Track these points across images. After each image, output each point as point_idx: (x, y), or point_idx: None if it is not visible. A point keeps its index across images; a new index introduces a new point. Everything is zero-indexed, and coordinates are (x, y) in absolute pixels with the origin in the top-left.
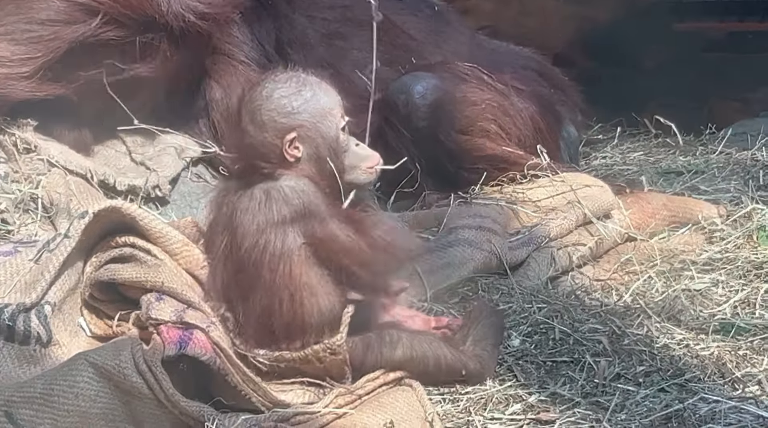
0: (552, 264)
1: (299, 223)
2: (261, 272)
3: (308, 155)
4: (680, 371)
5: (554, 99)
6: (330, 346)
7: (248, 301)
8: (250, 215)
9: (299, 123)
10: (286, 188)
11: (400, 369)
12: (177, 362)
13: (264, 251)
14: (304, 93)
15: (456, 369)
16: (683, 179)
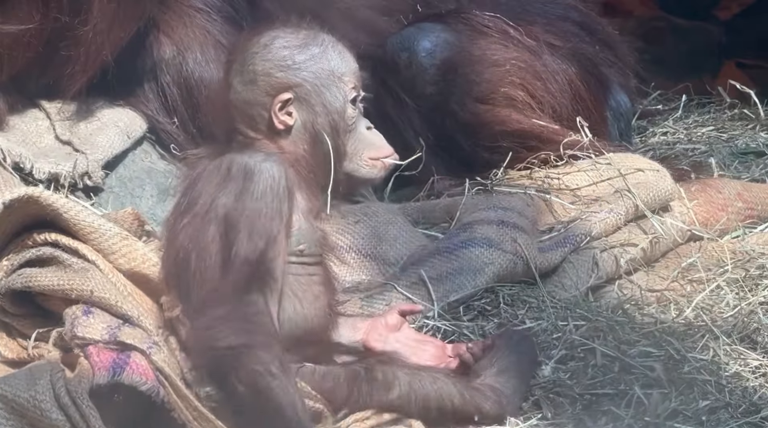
0: (594, 270)
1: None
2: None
3: (302, 125)
4: (755, 407)
5: (600, 59)
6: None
7: (191, 291)
8: (207, 190)
9: (298, 82)
10: (255, 166)
11: (395, 412)
12: (110, 393)
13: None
14: (312, 48)
15: (467, 413)
16: (764, 161)
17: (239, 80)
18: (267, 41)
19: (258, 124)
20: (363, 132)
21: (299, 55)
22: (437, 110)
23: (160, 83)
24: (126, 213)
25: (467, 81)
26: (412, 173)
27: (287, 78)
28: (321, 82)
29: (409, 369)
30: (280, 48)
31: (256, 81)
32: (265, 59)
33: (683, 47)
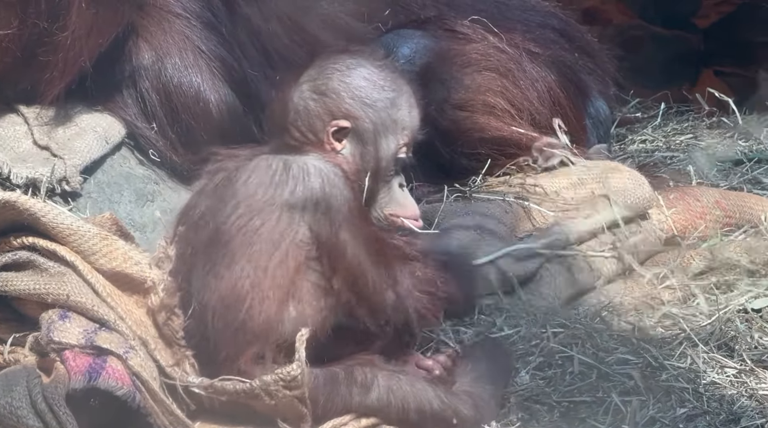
0: (571, 278)
1: (311, 214)
2: (239, 256)
3: (349, 155)
4: (733, 415)
5: (579, 66)
6: (284, 377)
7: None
8: (257, 183)
9: (362, 116)
10: (312, 166)
11: (373, 416)
12: (86, 397)
13: (254, 232)
14: (389, 92)
15: (445, 417)
16: (742, 169)
17: (310, 87)
18: (352, 65)
19: (312, 133)
20: (395, 188)
21: (375, 93)
22: None
23: (139, 89)
24: (104, 218)
25: (446, 87)
26: None
27: (353, 108)
28: (382, 126)
29: (388, 372)
30: (361, 77)
31: (326, 95)
32: (342, 80)
33: (661, 55)
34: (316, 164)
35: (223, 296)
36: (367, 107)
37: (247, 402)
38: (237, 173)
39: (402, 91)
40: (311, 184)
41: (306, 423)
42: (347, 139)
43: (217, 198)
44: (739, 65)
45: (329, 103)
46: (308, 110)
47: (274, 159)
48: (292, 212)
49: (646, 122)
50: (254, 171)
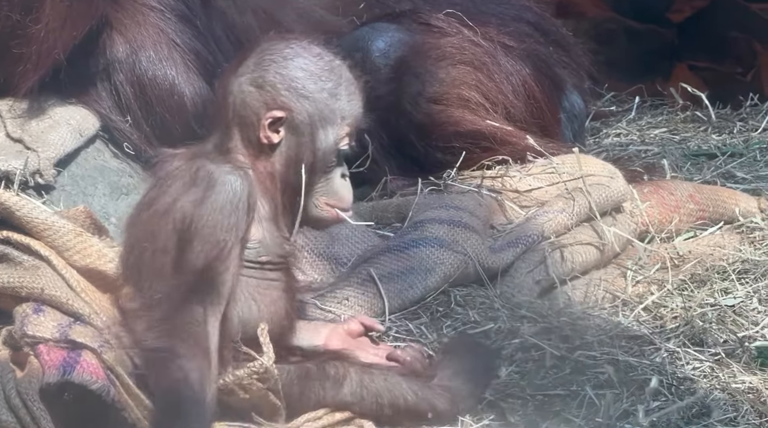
0: (546, 271)
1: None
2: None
3: (286, 148)
4: (706, 409)
5: (554, 60)
6: (256, 370)
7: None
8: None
9: (298, 108)
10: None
11: (347, 410)
12: (60, 392)
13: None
14: (327, 82)
15: (420, 411)
16: (716, 163)
17: (248, 80)
18: (289, 55)
19: (246, 128)
20: (335, 178)
21: (311, 84)
22: (391, 110)
23: (113, 82)
24: (78, 211)
25: (421, 81)
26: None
27: (289, 99)
28: (320, 118)
29: (361, 366)
30: (298, 68)
31: (263, 87)
32: (279, 72)
33: (636, 49)
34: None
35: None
36: (303, 98)
37: (222, 398)
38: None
39: (341, 80)
40: (195, 191)
41: (280, 417)
42: (283, 131)
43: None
44: (713, 60)
45: (264, 95)
46: (245, 104)
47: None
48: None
49: (621, 115)
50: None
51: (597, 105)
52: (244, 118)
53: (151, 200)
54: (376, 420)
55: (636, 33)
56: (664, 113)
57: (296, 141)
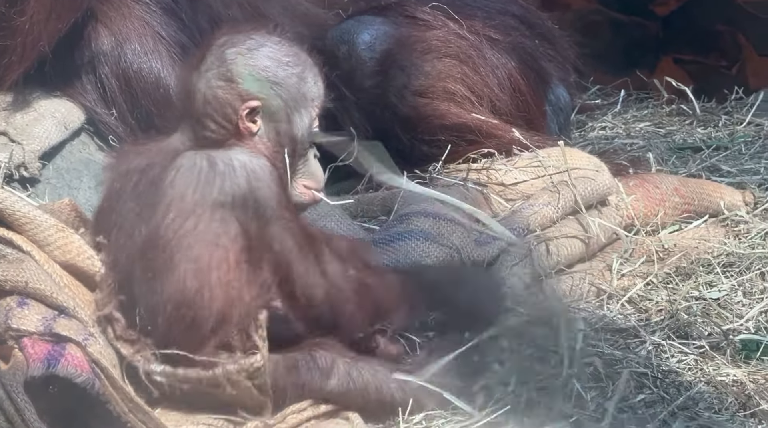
0: (531, 264)
1: (240, 210)
2: (179, 258)
3: (266, 136)
4: (691, 401)
5: (540, 53)
6: (247, 368)
7: (155, 291)
8: (184, 184)
9: (272, 95)
10: (236, 161)
11: (332, 403)
12: (45, 385)
13: (190, 233)
14: (294, 67)
15: (406, 406)
16: (701, 156)
17: (215, 74)
18: (253, 46)
19: (222, 121)
20: (311, 160)
21: (280, 71)
22: (376, 102)
23: (99, 75)
24: (63, 204)
25: (406, 74)
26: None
27: (262, 88)
28: (293, 102)
29: (348, 359)
30: (265, 57)
31: (234, 80)
32: (248, 64)
33: (621, 42)
34: (241, 159)
35: (170, 300)
36: (275, 85)
37: (208, 391)
38: (162, 174)
39: (306, 64)
40: (237, 180)
41: (266, 409)
42: (261, 119)
43: (144, 201)
44: (698, 53)
45: (237, 88)
46: (218, 99)
47: (197, 156)
48: (222, 210)
49: (606, 108)
50: (179, 171)
51: (582, 98)
52: (218, 112)
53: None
54: (362, 412)
55: (621, 25)
56: (650, 106)
57: (275, 128)
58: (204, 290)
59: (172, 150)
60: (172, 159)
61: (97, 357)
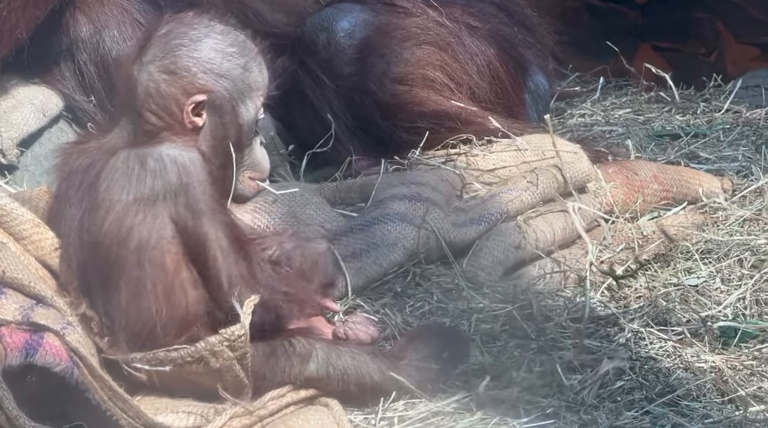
0: (509, 250)
1: (173, 206)
2: (122, 264)
3: (210, 129)
4: (670, 388)
5: (519, 40)
6: (228, 337)
7: (111, 292)
8: (118, 186)
9: (217, 88)
10: (167, 157)
11: (312, 388)
12: (23, 374)
13: (130, 233)
14: (239, 58)
15: (386, 390)
16: (680, 143)
17: (158, 67)
18: (196, 37)
19: (164, 115)
20: (256, 148)
21: (225, 62)
22: (355, 90)
23: (77, 62)
24: (41, 191)
25: (386, 61)
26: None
27: (207, 81)
28: (238, 94)
29: (327, 343)
30: (210, 49)
31: (177, 73)
32: (191, 56)
33: (599, 29)
34: (171, 154)
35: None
36: (221, 78)
37: (191, 370)
38: (98, 178)
39: (250, 53)
40: (168, 176)
41: (246, 395)
42: (206, 112)
43: (84, 206)
44: (676, 40)
45: (181, 80)
46: (161, 92)
47: (129, 156)
48: (155, 208)
49: (585, 96)
50: (114, 173)
51: (561, 85)
52: (160, 106)
53: (100, 199)
54: (342, 398)
55: (599, 12)
56: (629, 93)
57: (220, 121)
58: (149, 297)
59: (111, 148)
60: (108, 158)
61: (75, 346)
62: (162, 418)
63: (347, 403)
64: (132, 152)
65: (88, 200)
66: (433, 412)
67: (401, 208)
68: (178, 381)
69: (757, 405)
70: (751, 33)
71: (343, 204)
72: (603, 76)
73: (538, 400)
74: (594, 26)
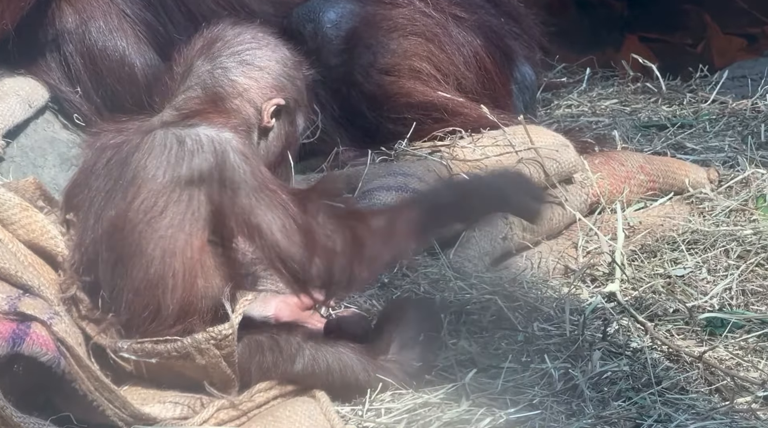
0: (495, 241)
1: (208, 185)
2: (146, 242)
3: (275, 135)
4: (656, 378)
5: (505, 31)
6: (215, 335)
7: (125, 268)
8: (154, 164)
9: (293, 96)
10: (204, 137)
11: (298, 384)
12: (10, 363)
13: (164, 212)
14: (300, 70)
15: (372, 388)
16: (666, 134)
17: (237, 61)
18: (273, 43)
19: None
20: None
21: (294, 71)
22: (342, 81)
23: (63, 53)
24: (27, 183)
25: (372, 52)
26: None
27: (286, 86)
28: (300, 102)
29: (314, 342)
30: (287, 58)
31: (260, 69)
32: (275, 59)
33: (586, 20)
34: (209, 134)
35: (133, 286)
36: (292, 85)
37: (177, 363)
38: (132, 154)
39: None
40: (205, 155)
41: (233, 389)
42: (277, 118)
43: (113, 181)
44: (663, 32)
45: (262, 79)
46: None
47: (166, 135)
48: (191, 188)
49: (572, 86)
50: (150, 151)
51: (548, 76)
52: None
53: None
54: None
55: (586, 4)
56: (615, 84)
57: (285, 127)
58: (167, 277)
59: (147, 128)
60: (144, 137)
61: (62, 336)
62: (149, 409)
63: (334, 398)
64: (169, 132)
65: (118, 174)
66: (420, 403)
67: (388, 198)
68: (166, 371)
69: (744, 395)
70: (738, 24)
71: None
72: (589, 67)
73: (525, 390)
74: (581, 17)
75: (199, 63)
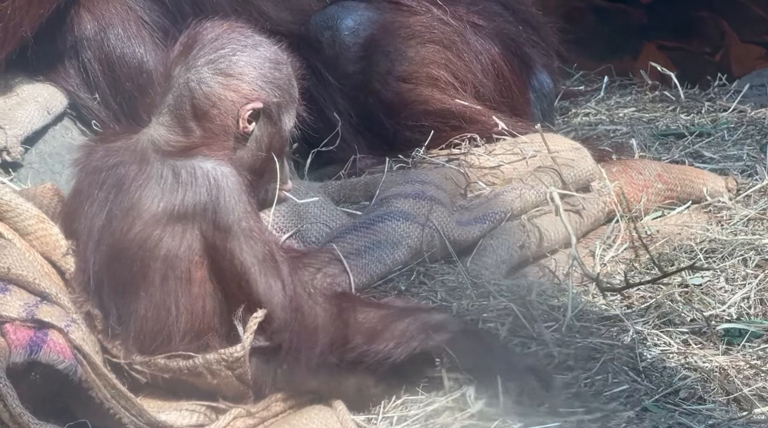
0: (512, 249)
1: (201, 221)
2: (144, 272)
3: (257, 137)
4: (673, 387)
5: (523, 39)
6: (226, 358)
7: (129, 297)
8: (149, 195)
9: (272, 99)
10: (199, 170)
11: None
12: (27, 371)
13: (159, 243)
14: (285, 67)
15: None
16: (684, 143)
17: (212, 69)
18: (251, 44)
19: (213, 119)
20: (285, 160)
21: (276, 72)
22: (360, 88)
23: (81, 59)
24: (45, 189)
25: (390, 60)
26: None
27: (263, 89)
28: (285, 104)
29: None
30: (264, 58)
31: (234, 77)
32: (249, 62)
33: (604, 28)
34: (204, 167)
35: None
36: (274, 87)
37: (189, 380)
38: (129, 182)
39: (290, 64)
40: (199, 190)
41: (249, 399)
42: (256, 123)
43: (109, 208)
44: (681, 40)
45: (239, 86)
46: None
47: (163, 165)
48: (184, 222)
49: (590, 95)
50: (147, 182)
51: (566, 84)
52: (207, 108)
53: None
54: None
55: (604, 12)
56: (633, 92)
57: (267, 130)
58: (170, 306)
59: (141, 151)
60: (140, 164)
61: (79, 344)
62: (165, 416)
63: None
64: (166, 163)
65: (114, 202)
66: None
67: (405, 206)
68: (180, 382)
69: (762, 405)
70: (756, 32)
71: (347, 202)
72: (607, 76)
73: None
74: (599, 25)
75: (176, 73)
